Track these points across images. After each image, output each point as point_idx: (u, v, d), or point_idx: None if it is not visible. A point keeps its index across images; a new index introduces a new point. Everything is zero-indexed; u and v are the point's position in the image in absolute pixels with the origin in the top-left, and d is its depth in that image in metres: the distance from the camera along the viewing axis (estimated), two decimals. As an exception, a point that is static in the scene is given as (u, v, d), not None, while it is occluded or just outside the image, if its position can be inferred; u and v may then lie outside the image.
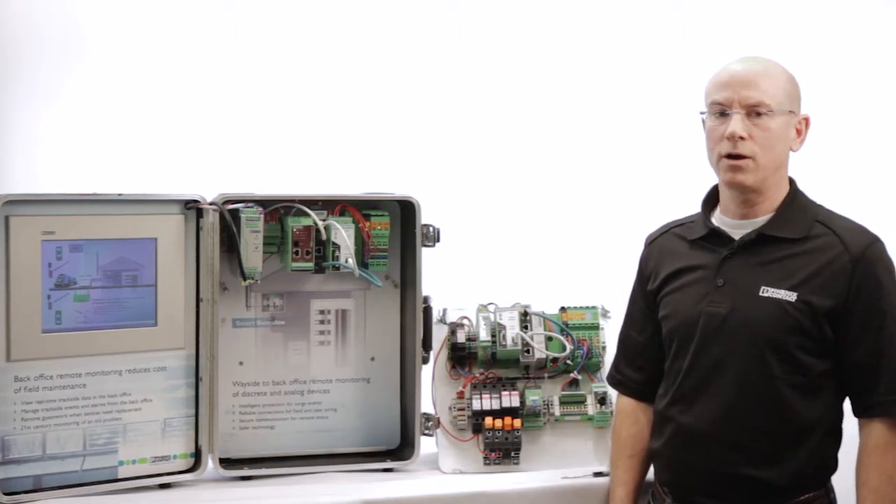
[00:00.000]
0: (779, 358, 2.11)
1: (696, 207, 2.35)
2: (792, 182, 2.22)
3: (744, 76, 2.13)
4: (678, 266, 2.26)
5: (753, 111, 2.11)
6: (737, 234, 2.19)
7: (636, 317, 2.38)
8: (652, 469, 2.35)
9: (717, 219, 2.24)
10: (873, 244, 2.12)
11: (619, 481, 2.36)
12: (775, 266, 2.14)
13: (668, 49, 3.51)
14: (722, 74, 2.16)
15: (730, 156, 2.13)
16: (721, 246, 2.20)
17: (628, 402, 2.40)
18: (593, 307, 2.65)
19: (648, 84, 3.50)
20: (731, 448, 2.14)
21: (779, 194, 2.18)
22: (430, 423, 2.57)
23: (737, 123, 2.11)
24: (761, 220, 2.17)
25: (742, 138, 2.11)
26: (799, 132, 2.16)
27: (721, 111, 2.14)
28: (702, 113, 2.21)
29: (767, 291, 2.12)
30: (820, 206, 2.21)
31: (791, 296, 2.11)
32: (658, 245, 2.35)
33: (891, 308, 2.09)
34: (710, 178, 2.27)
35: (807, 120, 2.17)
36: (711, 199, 2.27)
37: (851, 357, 2.11)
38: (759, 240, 2.17)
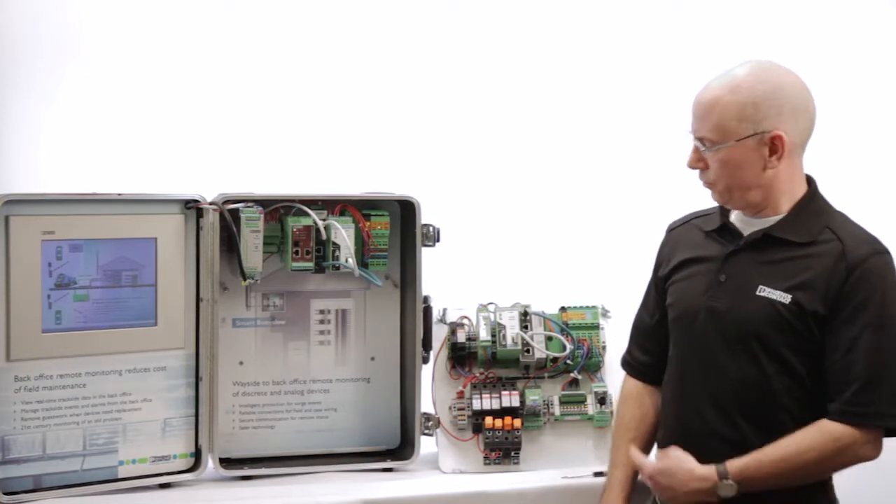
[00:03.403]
0: (770, 357, 2.12)
1: (694, 208, 2.36)
2: (811, 183, 2.21)
3: (697, 107, 2.16)
4: (689, 255, 2.28)
5: (703, 143, 2.15)
6: (747, 231, 2.21)
7: (648, 300, 2.41)
8: None
9: (736, 213, 2.25)
10: (875, 255, 2.10)
11: (617, 462, 2.36)
12: (776, 267, 2.14)
13: (667, 49, 3.51)
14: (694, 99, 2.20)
15: None
16: (731, 241, 2.22)
17: (634, 385, 2.41)
18: (593, 307, 2.65)
19: (647, 84, 3.50)
20: (728, 446, 2.14)
21: (789, 197, 2.17)
22: (430, 422, 2.57)
23: (690, 155, 2.19)
24: (773, 219, 2.18)
25: (700, 168, 2.18)
26: (774, 150, 2.12)
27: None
28: None
29: (764, 291, 2.13)
30: (835, 213, 2.19)
31: (785, 297, 2.11)
32: (677, 234, 2.37)
33: (876, 321, 2.07)
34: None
35: (779, 137, 2.10)
36: None
37: (828, 360, 2.10)
38: (764, 239, 2.17)
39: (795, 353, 2.11)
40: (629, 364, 2.44)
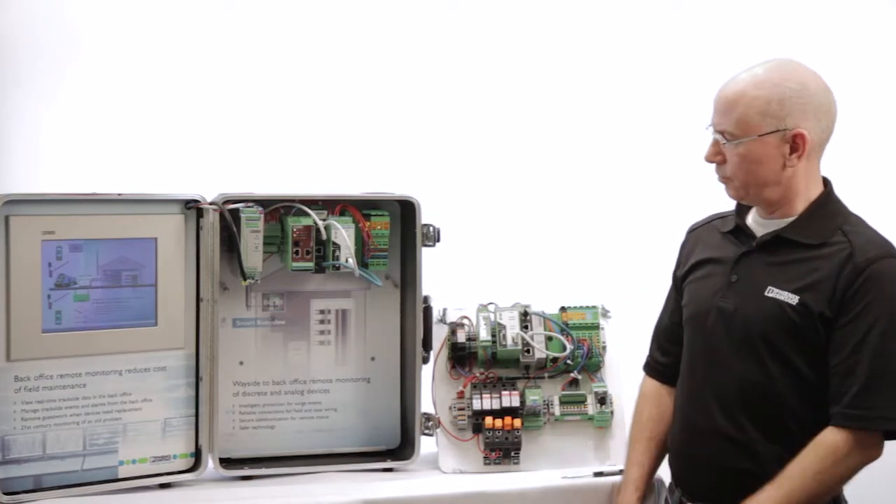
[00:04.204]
0: (775, 359, 2.12)
1: (695, 208, 2.36)
2: (826, 184, 2.20)
3: (719, 101, 2.16)
4: (705, 256, 2.29)
5: (724, 136, 2.15)
6: (760, 233, 2.21)
7: (669, 301, 2.42)
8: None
9: (752, 214, 2.25)
10: (884, 259, 2.09)
11: (634, 462, 2.37)
12: (785, 268, 2.14)
13: (667, 49, 3.52)
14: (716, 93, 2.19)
15: None
16: (744, 242, 2.22)
17: (653, 385, 2.41)
18: (593, 307, 2.65)
19: (648, 84, 3.50)
20: (732, 445, 2.15)
21: (805, 198, 2.16)
22: (431, 422, 2.57)
23: (708, 148, 2.18)
24: (786, 220, 2.18)
25: (718, 162, 2.18)
26: (795, 148, 2.11)
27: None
28: None
29: (772, 292, 2.13)
30: (851, 215, 2.19)
31: (793, 298, 2.11)
32: (696, 234, 2.37)
33: (882, 323, 2.06)
34: (709, 180, 2.27)
35: (801, 136, 2.10)
36: None
37: (831, 362, 2.10)
38: (775, 241, 2.17)
39: (801, 355, 2.11)
40: (648, 364, 2.44)
